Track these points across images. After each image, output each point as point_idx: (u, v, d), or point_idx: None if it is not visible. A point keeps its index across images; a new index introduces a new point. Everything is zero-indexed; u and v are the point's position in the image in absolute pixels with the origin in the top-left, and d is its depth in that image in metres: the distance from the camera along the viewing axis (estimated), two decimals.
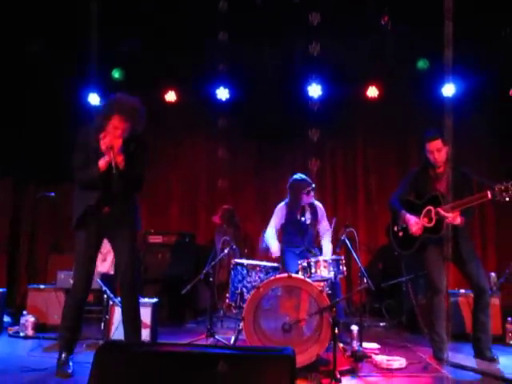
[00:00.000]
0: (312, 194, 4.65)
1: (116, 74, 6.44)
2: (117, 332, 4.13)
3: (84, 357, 3.48)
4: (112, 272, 5.16)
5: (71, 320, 3.39)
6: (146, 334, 4.16)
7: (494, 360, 3.65)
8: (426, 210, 3.79)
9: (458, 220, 3.61)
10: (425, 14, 5.24)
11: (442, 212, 3.63)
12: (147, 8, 5.40)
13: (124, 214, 3.40)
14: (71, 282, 4.53)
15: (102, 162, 3.19)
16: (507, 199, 3.34)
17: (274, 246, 4.51)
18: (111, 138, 3.17)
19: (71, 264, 5.29)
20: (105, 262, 5.27)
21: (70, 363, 3.30)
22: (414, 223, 3.79)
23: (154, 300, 4.40)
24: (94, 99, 6.44)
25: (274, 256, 4.49)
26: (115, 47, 6.02)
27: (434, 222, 3.73)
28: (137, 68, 6.29)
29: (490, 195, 3.43)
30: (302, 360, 3.36)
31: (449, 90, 6.16)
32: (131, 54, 6.13)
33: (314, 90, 6.32)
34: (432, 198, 3.78)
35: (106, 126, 3.23)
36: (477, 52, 5.70)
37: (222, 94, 6.46)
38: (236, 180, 6.86)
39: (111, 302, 4.26)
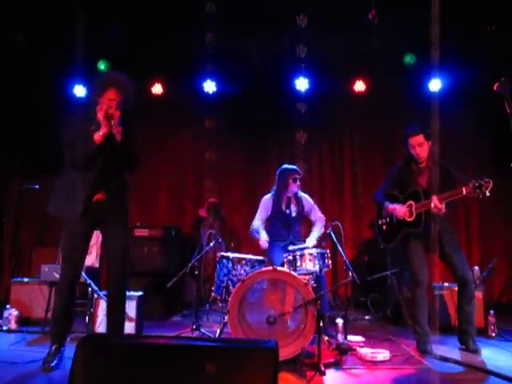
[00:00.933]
0: (298, 182, 4.64)
1: (102, 65, 6.39)
2: (101, 325, 4.11)
3: (68, 350, 3.44)
4: (97, 265, 5.12)
5: (59, 312, 3.30)
6: (131, 328, 4.15)
7: (476, 352, 3.70)
8: (407, 204, 3.85)
9: (443, 209, 3.64)
10: (412, 9, 5.26)
11: (436, 200, 3.62)
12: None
13: (118, 201, 3.27)
14: (55, 275, 4.52)
15: (97, 135, 3.08)
16: (481, 196, 3.40)
17: (263, 238, 4.51)
18: (110, 109, 3.09)
19: (55, 257, 5.29)
20: (90, 255, 5.21)
21: (57, 356, 3.25)
22: (399, 208, 3.86)
23: (139, 293, 4.37)
24: (79, 91, 6.38)
25: (262, 248, 4.49)
26: (102, 39, 5.95)
27: (414, 216, 3.79)
28: (123, 60, 6.22)
29: (464, 191, 3.49)
30: (286, 353, 3.38)
31: (435, 85, 6.20)
32: (117, 46, 6.07)
33: (301, 84, 6.32)
34: (413, 193, 3.84)
35: (101, 99, 3.16)
36: (463, 48, 5.74)
37: (210, 86, 6.43)
38: (223, 173, 6.83)
39: (96, 296, 4.23)
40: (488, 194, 3.36)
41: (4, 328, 4.45)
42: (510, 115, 2.65)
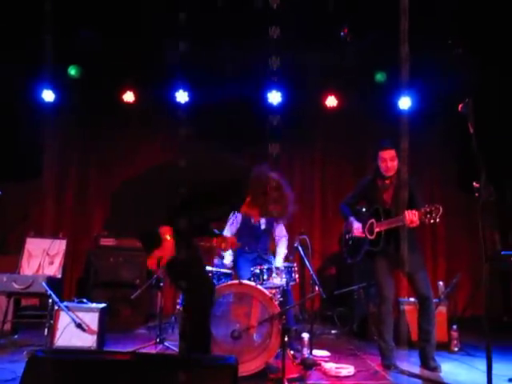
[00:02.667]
0: None
1: (72, 71, 6.27)
2: (61, 338, 3.98)
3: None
4: (59, 276, 4.98)
5: None
6: (92, 341, 4.03)
7: (436, 369, 3.68)
8: (369, 223, 3.90)
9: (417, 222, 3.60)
10: (384, 28, 5.36)
11: (408, 215, 3.59)
12: (106, 6, 5.30)
13: None
14: (14, 285, 4.37)
15: None
16: (432, 221, 3.46)
17: (227, 258, 4.49)
18: None
19: (15, 266, 5.12)
20: (52, 265, 5.09)
21: None
22: (356, 227, 3.96)
23: (102, 305, 4.25)
24: (48, 96, 6.24)
25: (226, 266, 4.47)
26: (72, 44, 5.85)
27: (374, 234, 3.83)
28: (94, 66, 6.13)
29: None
30: (251, 367, 3.34)
31: (405, 102, 6.33)
32: (89, 51, 5.97)
33: (274, 97, 6.35)
34: (374, 211, 3.89)
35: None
36: (432, 68, 5.89)
37: (182, 96, 6.39)
38: None
39: (56, 307, 4.09)
40: (438, 220, 3.44)
41: None
42: (472, 135, 2.70)
